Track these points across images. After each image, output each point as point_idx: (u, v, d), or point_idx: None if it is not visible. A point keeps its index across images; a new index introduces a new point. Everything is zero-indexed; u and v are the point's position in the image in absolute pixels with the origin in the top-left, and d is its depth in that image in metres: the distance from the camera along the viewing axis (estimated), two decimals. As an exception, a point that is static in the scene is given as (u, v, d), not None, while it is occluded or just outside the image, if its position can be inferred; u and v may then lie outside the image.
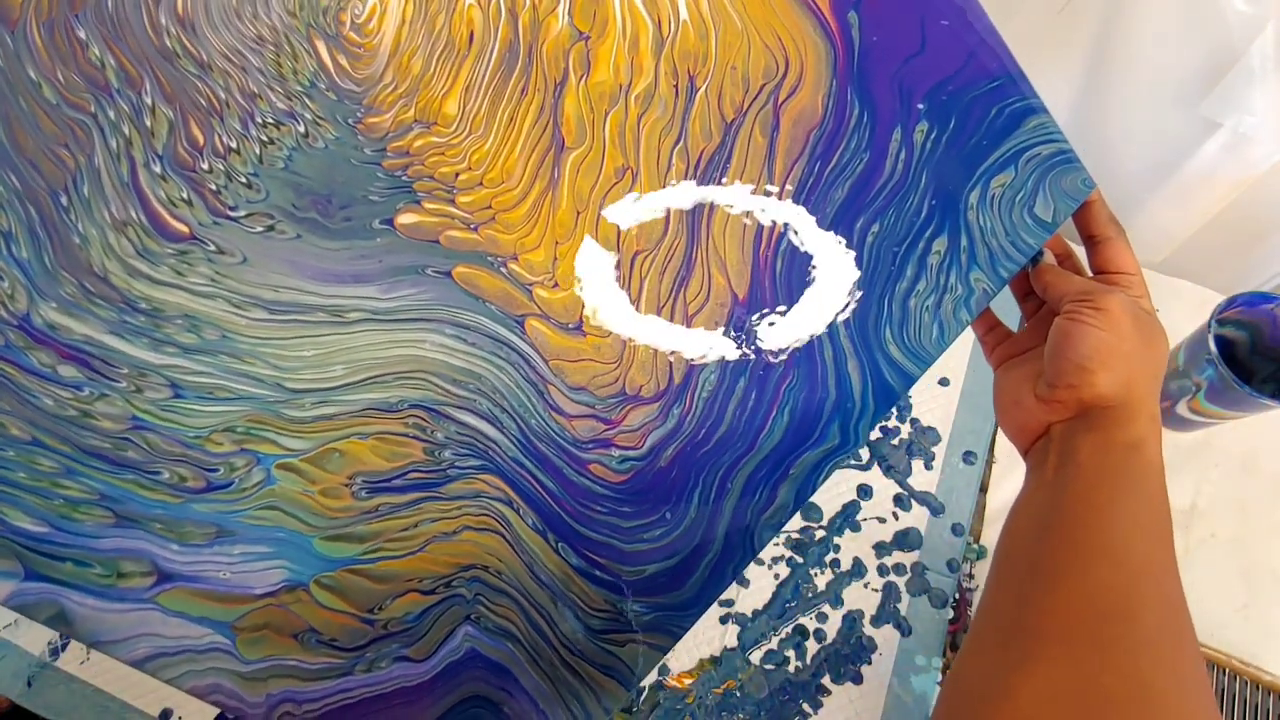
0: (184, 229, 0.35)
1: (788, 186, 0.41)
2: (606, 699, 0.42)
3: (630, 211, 0.40)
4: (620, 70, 0.39)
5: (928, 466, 0.66)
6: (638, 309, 0.41)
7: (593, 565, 0.41)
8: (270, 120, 0.35)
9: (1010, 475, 0.69)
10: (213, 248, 0.35)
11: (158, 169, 0.34)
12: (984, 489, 0.66)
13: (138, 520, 0.36)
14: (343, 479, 0.38)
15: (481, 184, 0.38)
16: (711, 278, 0.42)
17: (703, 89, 0.40)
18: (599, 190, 0.40)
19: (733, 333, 0.43)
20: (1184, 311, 0.71)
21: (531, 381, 0.40)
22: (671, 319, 0.41)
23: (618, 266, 0.41)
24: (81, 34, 0.33)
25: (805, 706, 0.57)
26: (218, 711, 0.49)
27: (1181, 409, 0.63)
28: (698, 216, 0.41)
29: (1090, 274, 0.45)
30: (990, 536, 0.67)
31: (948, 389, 0.70)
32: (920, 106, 0.42)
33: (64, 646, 0.57)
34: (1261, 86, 0.60)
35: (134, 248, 0.34)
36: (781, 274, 0.42)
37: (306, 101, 0.35)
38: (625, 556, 0.42)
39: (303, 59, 0.35)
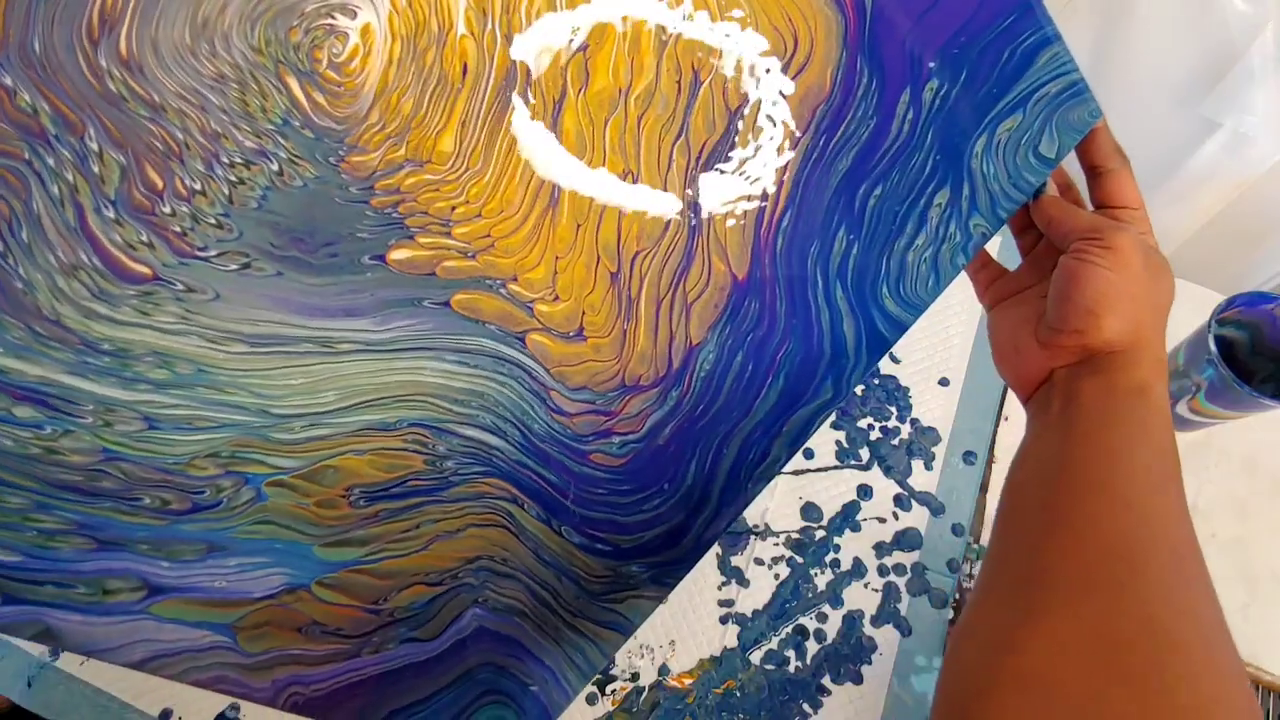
0: (146, 270, 0.23)
1: (792, 163, 0.29)
2: (606, 647, 0.34)
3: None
4: (620, 74, 0.27)
5: (928, 466, 0.51)
6: (637, 307, 0.30)
7: (594, 540, 0.32)
8: (239, 160, 0.23)
9: (1009, 475, 0.53)
10: (180, 287, 0.24)
11: (110, 214, 0.23)
12: (984, 489, 0.51)
13: (121, 543, 0.25)
14: (339, 491, 0.28)
15: (480, 215, 0.26)
16: (711, 267, 0.30)
17: (707, 81, 0.27)
18: (599, 200, 0.28)
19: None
20: (1184, 311, 0.50)
21: (534, 391, 0.29)
22: (671, 311, 0.30)
23: (615, 275, 0.29)
24: (7, 80, 0.21)
25: (805, 706, 0.44)
26: (218, 711, 0.37)
27: (1181, 409, 0.48)
28: (697, 211, 0.29)
29: (1091, 207, 0.32)
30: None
31: (948, 389, 0.54)
32: (931, 65, 0.29)
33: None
34: (1261, 86, 0.46)
35: (88, 291, 0.23)
36: (782, 251, 0.30)
37: (280, 140, 0.23)
38: (624, 528, 0.32)
39: (272, 96, 0.23)
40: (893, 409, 0.52)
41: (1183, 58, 0.47)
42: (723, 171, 0.29)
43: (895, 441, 0.51)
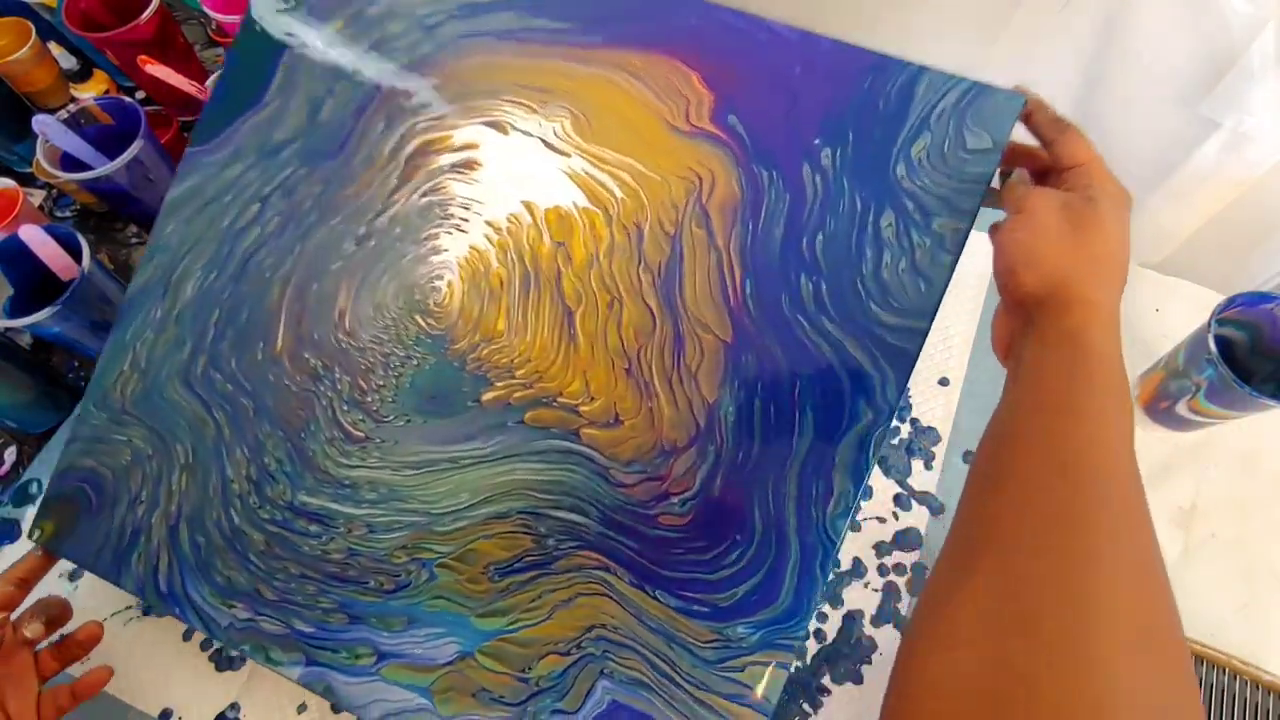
0: (362, 435, 0.36)
1: (733, 247, 0.33)
2: None
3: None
4: (588, 245, 0.34)
5: (928, 466, 0.47)
6: (654, 387, 0.34)
7: (690, 602, 0.32)
8: (397, 364, 0.36)
9: (1011, 475, 0.48)
10: (378, 440, 0.35)
11: (345, 408, 0.36)
12: (984, 489, 0.46)
13: (362, 618, 0.34)
14: (480, 569, 0.34)
15: (530, 359, 0.35)
16: (700, 340, 0.34)
17: (646, 226, 0.34)
18: (600, 322, 0.34)
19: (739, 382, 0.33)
20: (1184, 311, 0.50)
21: (597, 472, 0.34)
22: (681, 382, 0.33)
23: (629, 369, 0.34)
24: (306, 355, 0.37)
25: (805, 706, 0.39)
26: (218, 711, 0.40)
27: (1181, 409, 0.45)
28: (671, 300, 0.34)
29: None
30: (991, 536, 0.44)
31: (948, 389, 0.49)
32: (816, 141, 0.32)
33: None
34: (1261, 86, 0.42)
35: (338, 451, 0.36)
36: (755, 310, 0.33)
37: (414, 349, 0.36)
38: (714, 585, 0.32)
39: (409, 328, 0.36)
40: (913, 366, 0.45)
41: (1183, 58, 0.44)
42: (681, 274, 0.34)
43: (895, 441, 0.47)
